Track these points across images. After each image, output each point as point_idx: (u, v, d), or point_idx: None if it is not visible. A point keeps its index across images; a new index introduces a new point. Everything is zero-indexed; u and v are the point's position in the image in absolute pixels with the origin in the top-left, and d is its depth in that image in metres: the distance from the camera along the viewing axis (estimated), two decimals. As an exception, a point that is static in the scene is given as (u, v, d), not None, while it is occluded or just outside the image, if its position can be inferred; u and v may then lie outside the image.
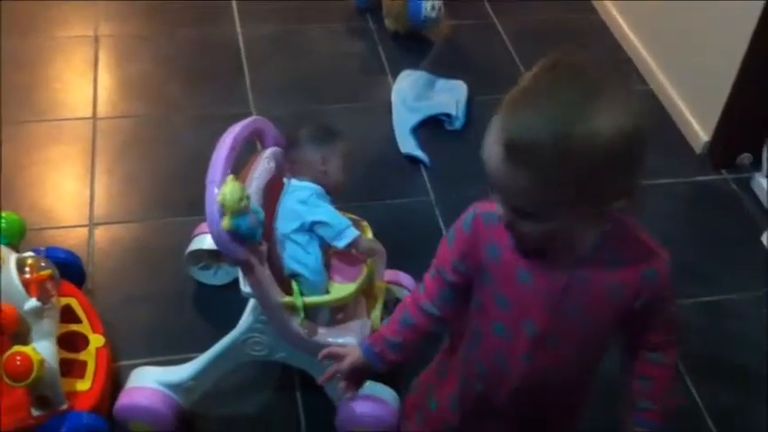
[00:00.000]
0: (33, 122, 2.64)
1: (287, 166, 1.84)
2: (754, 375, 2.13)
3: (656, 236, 2.41)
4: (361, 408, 1.85)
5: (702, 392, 2.07)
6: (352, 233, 1.75)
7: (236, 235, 1.57)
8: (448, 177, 2.57)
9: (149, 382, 1.84)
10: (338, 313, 1.84)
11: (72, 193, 2.46)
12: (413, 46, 3.05)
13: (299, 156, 1.82)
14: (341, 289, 1.80)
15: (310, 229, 1.74)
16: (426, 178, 2.57)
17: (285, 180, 1.82)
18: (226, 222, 1.54)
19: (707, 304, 2.28)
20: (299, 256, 1.75)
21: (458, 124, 2.73)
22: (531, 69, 1.15)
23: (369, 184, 2.51)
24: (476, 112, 2.79)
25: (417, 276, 2.08)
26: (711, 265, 2.39)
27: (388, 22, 3.08)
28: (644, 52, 3.02)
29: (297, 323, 1.74)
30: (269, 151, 1.82)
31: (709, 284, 2.33)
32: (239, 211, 1.55)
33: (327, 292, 1.80)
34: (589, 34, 3.21)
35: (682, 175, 2.66)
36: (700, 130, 2.71)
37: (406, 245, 2.32)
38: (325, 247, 1.79)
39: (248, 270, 1.65)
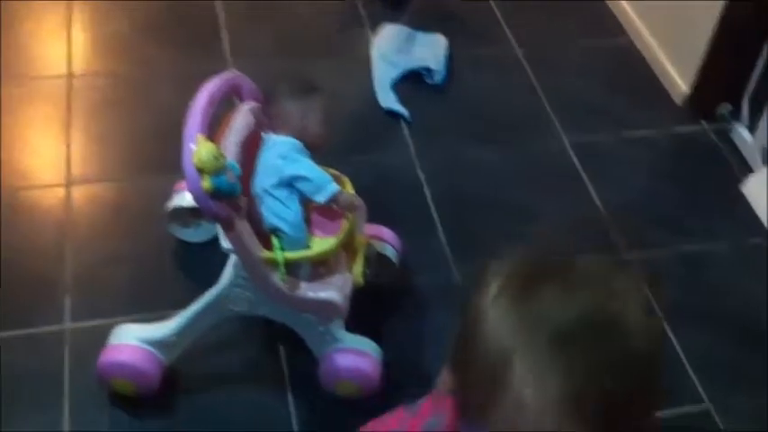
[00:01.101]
0: (6, 82, 2.59)
1: (266, 121, 1.82)
2: (733, 322, 2.15)
3: (636, 188, 2.46)
4: (344, 361, 1.85)
5: (682, 340, 2.09)
6: (333, 188, 1.74)
7: (217, 193, 1.56)
8: (428, 132, 2.56)
9: (131, 340, 1.83)
10: (319, 268, 1.83)
11: (48, 152, 2.43)
12: (392, 0, 3.01)
13: (278, 110, 1.80)
14: (322, 243, 1.79)
15: (290, 183, 1.73)
16: (407, 133, 2.56)
17: (264, 135, 1.80)
18: (206, 184, 1.53)
19: (687, 255, 2.30)
20: (279, 211, 1.74)
21: (438, 78, 2.71)
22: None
23: (349, 139, 2.49)
24: (456, 67, 2.77)
25: (398, 231, 2.10)
26: (692, 216, 2.40)
27: (366, -23, 3.04)
28: (624, 3, 3.00)
29: (278, 278, 1.74)
30: (247, 106, 1.80)
31: (689, 235, 2.34)
32: (216, 169, 1.53)
33: (308, 246, 1.79)
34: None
35: (662, 127, 2.66)
36: (680, 81, 2.71)
37: (387, 200, 2.33)
38: (306, 202, 1.78)
39: (228, 226, 1.64)
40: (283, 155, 1.74)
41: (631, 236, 2.29)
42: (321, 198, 1.74)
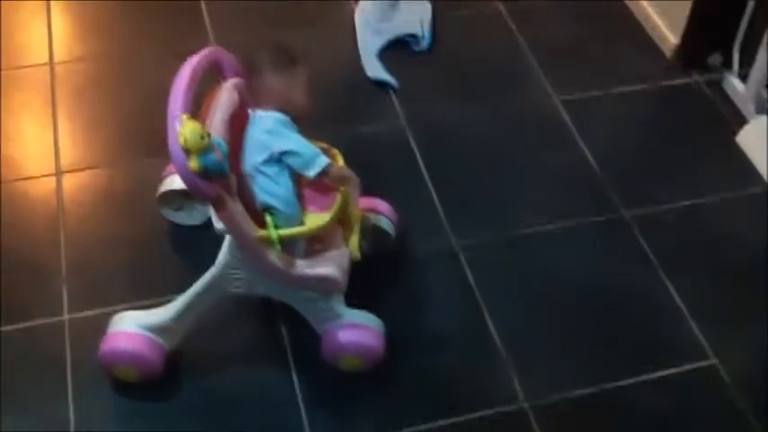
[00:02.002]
0: (-12, 73, 2.56)
1: (250, 97, 1.79)
2: (731, 269, 2.15)
3: (630, 143, 2.45)
4: (346, 336, 1.85)
5: (680, 290, 2.09)
6: (323, 161, 1.72)
7: (205, 172, 1.54)
8: (417, 99, 2.53)
9: (131, 327, 1.82)
10: (315, 244, 1.82)
11: (36, 142, 2.40)
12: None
13: (261, 83, 1.77)
14: (316, 219, 1.78)
15: (279, 159, 1.71)
16: (395, 101, 2.53)
17: (250, 111, 1.78)
18: (193, 163, 1.51)
19: (682, 208, 2.28)
20: (270, 188, 1.72)
21: (424, 44, 2.68)
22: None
23: (337, 110, 2.46)
24: (441, 30, 2.74)
25: (392, 201, 2.09)
26: (685, 169, 2.38)
27: (345, -56, 2.99)
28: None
29: (274, 256, 1.72)
30: (231, 82, 1.77)
31: (683, 188, 2.33)
32: (203, 149, 1.51)
33: (302, 222, 1.77)
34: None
35: (653, 81, 2.63)
36: (668, 32, 2.68)
37: (380, 170, 2.31)
38: (297, 178, 1.76)
39: (220, 206, 1.62)
40: (269, 130, 1.72)
41: (628, 192, 2.28)
42: (312, 172, 1.72)
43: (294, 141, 1.72)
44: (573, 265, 2.15)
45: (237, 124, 1.73)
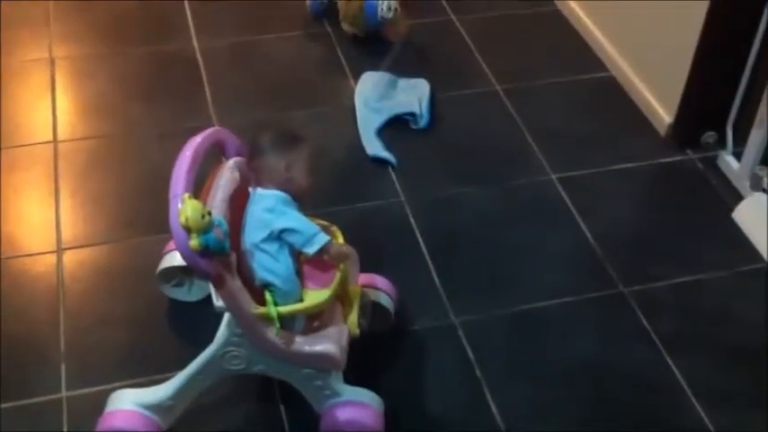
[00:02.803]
0: (-8, 151, 2.59)
1: (251, 176, 1.82)
2: (732, 349, 2.14)
3: (627, 220, 2.46)
4: (345, 414, 1.83)
5: (682, 369, 2.08)
6: (322, 238, 1.73)
7: (205, 251, 1.55)
8: (416, 176, 2.56)
9: (128, 405, 1.81)
10: (314, 321, 1.82)
11: (38, 218, 2.42)
12: (372, 47, 3.04)
13: (263, 163, 1.80)
14: (315, 296, 1.78)
15: (279, 237, 1.72)
16: (395, 179, 2.56)
17: (251, 189, 1.80)
18: (194, 242, 1.53)
19: (681, 285, 2.29)
20: (270, 266, 1.73)
21: (423, 122, 2.72)
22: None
23: (337, 188, 2.50)
24: (440, 110, 2.79)
25: (392, 277, 2.10)
26: (683, 246, 2.39)
27: (345, 26, 3.07)
28: (602, 38, 3.03)
29: (273, 334, 1.72)
30: (232, 161, 1.80)
31: (682, 265, 2.34)
32: (203, 227, 1.53)
33: (301, 299, 1.78)
34: (548, 25, 3.21)
35: (648, 158, 2.67)
36: (662, 112, 2.73)
37: (380, 247, 2.33)
38: (296, 255, 1.77)
39: (220, 284, 1.63)
40: (271, 208, 1.74)
41: (626, 269, 2.29)
42: (311, 250, 1.73)
43: (295, 219, 1.73)
44: (573, 343, 2.14)
45: (238, 202, 1.75)
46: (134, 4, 3.19)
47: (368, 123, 2.70)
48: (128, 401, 1.81)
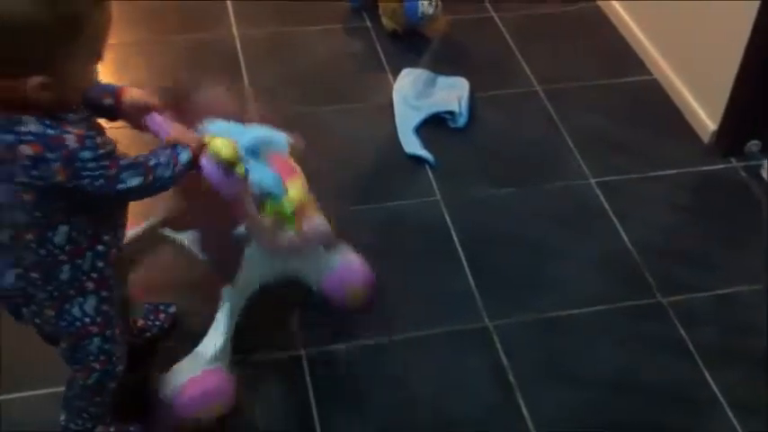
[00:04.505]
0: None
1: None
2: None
3: (665, 227, 2.42)
4: (345, 270, 2.04)
5: (719, 381, 2.04)
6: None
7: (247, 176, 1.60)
8: (454, 176, 2.54)
9: (194, 368, 1.84)
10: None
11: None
12: (411, 44, 3.02)
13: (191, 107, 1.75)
14: (294, 185, 1.81)
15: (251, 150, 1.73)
16: (432, 177, 2.53)
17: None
18: (241, 170, 1.57)
19: (720, 296, 2.25)
20: (259, 177, 1.74)
21: (461, 121, 2.70)
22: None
23: (372, 185, 2.48)
24: (478, 109, 2.76)
25: (426, 278, 2.07)
26: (723, 256, 2.35)
27: (385, 21, 3.04)
28: (646, 42, 2.98)
29: (287, 232, 1.79)
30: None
31: (721, 276, 2.29)
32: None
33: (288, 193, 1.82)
34: (590, 25, 3.18)
35: (690, 165, 2.62)
36: (706, 118, 2.68)
37: (415, 245, 2.31)
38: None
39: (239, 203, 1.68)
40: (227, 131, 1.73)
41: (665, 278, 2.26)
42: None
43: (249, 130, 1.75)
44: (608, 351, 2.11)
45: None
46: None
47: (406, 121, 2.68)
48: (192, 365, 1.84)
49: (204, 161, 1.55)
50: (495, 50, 3.04)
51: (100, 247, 1.55)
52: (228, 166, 1.55)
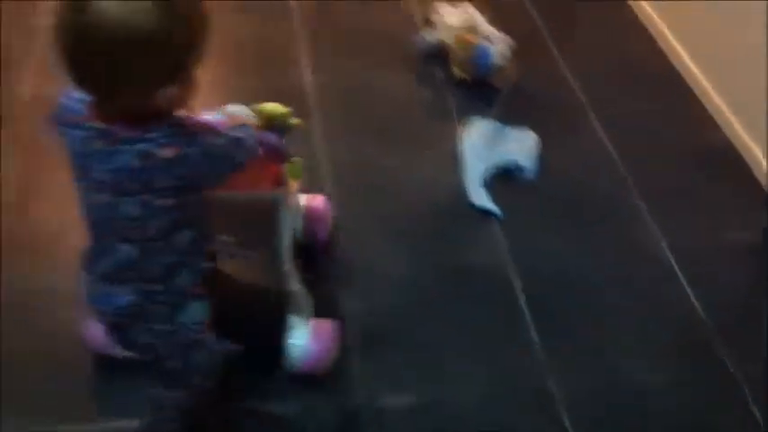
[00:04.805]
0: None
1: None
2: None
3: (738, 292, 2.36)
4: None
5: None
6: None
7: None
8: (521, 230, 2.51)
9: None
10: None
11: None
12: (480, 93, 3.01)
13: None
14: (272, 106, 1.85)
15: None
16: (498, 231, 2.52)
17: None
18: (296, 121, 1.80)
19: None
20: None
21: (529, 175, 2.68)
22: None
23: (437, 236, 2.48)
24: (546, 161, 2.74)
25: (488, 334, 2.06)
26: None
27: (455, 70, 3.05)
28: (716, 98, 2.94)
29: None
30: None
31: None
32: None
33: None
34: (658, 76, 3.16)
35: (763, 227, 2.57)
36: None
37: (479, 300, 2.30)
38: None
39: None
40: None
41: (738, 346, 2.20)
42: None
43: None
44: (676, 420, 2.06)
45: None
46: (248, 33, 3.22)
47: (474, 171, 2.67)
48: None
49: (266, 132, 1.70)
50: (563, 101, 3.03)
51: (208, 248, 1.59)
52: (283, 124, 1.73)
